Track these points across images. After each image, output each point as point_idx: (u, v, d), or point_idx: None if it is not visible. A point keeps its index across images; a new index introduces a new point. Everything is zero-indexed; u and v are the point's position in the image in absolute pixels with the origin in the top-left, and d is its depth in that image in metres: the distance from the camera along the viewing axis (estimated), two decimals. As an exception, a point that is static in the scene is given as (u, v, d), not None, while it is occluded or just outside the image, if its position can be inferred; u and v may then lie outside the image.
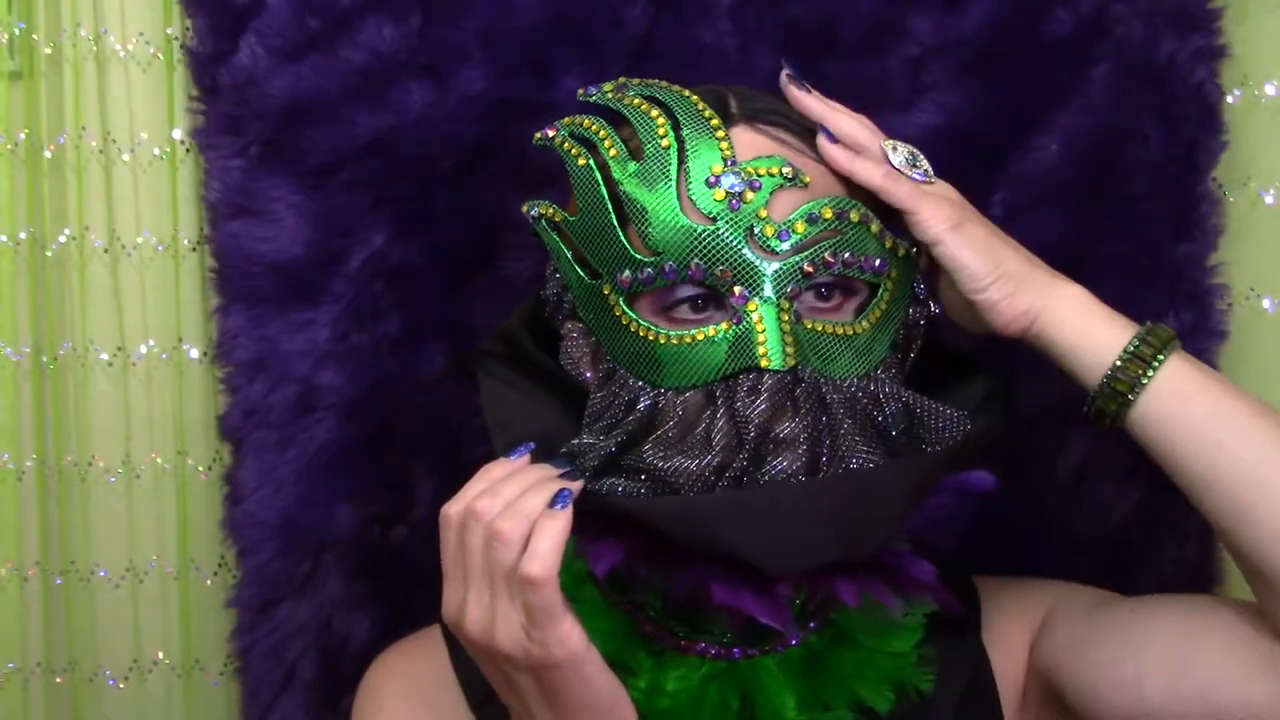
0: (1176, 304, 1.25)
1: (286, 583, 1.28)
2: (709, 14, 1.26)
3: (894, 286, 0.98)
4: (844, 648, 1.01)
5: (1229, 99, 1.28)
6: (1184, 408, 0.93)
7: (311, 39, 1.24)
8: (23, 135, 1.34)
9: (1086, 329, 0.96)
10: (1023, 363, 1.04)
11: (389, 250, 1.26)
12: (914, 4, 1.25)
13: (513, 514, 0.86)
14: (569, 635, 0.85)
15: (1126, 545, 1.27)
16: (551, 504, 0.87)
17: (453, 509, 0.89)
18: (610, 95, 1.00)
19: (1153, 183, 1.25)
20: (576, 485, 0.90)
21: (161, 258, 1.36)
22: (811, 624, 1.01)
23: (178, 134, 1.33)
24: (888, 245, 0.97)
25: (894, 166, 0.98)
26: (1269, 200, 1.30)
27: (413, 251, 1.27)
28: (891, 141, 0.99)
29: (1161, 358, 0.94)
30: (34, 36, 1.34)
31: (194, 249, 1.35)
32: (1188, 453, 0.93)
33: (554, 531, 0.85)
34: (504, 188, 1.26)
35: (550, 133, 1.00)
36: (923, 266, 1.02)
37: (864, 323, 0.96)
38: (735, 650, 1.00)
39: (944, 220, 0.96)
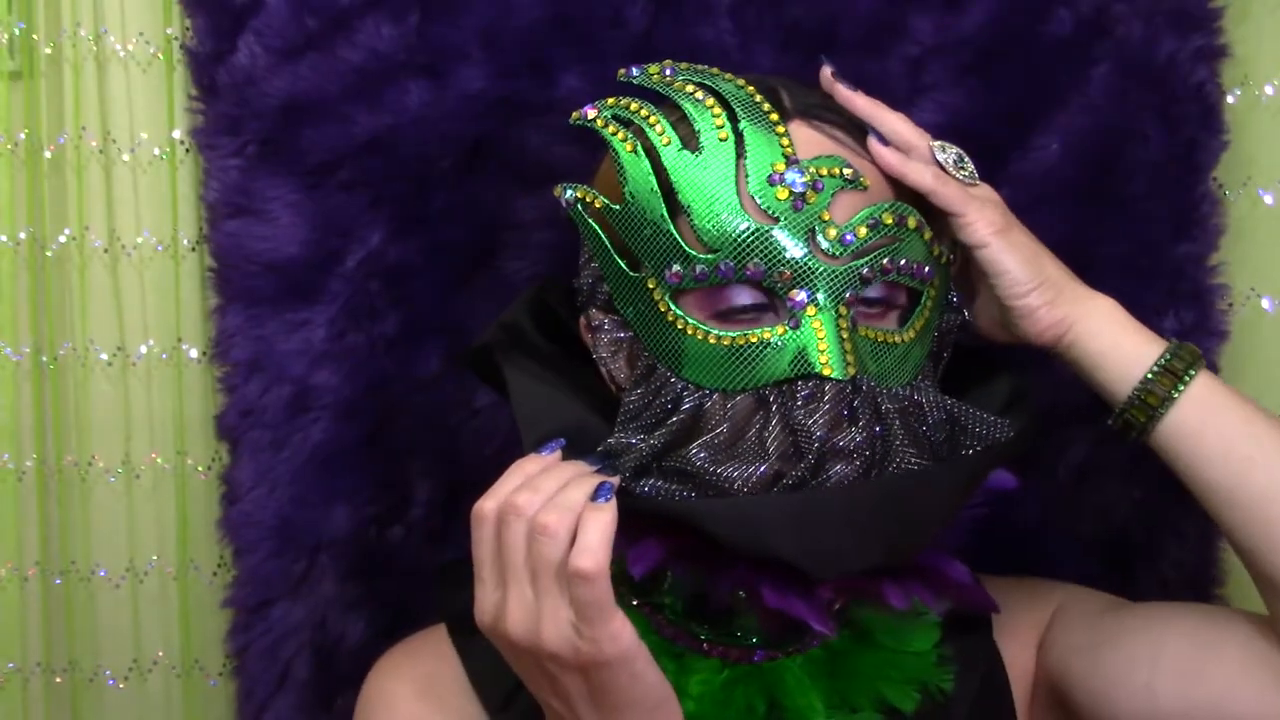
0: (1177, 304, 1.25)
1: (281, 583, 1.28)
2: (709, 13, 1.25)
3: (936, 294, 0.97)
4: (865, 648, 1.00)
5: (1229, 99, 1.28)
6: (1214, 422, 0.94)
7: (310, 38, 1.24)
8: (23, 135, 1.34)
9: (1120, 341, 0.96)
10: (1022, 363, 1.04)
11: (386, 250, 1.26)
12: (914, 4, 1.25)
13: (556, 508, 0.83)
14: (621, 631, 0.82)
15: (1128, 545, 1.27)
16: (594, 497, 0.84)
17: (487, 504, 0.86)
18: (657, 78, 0.97)
19: (1153, 183, 1.25)
20: (615, 480, 0.87)
21: (161, 258, 1.36)
22: (834, 623, 1.00)
23: (177, 134, 1.33)
24: (935, 253, 0.96)
25: (941, 167, 0.97)
26: (1269, 200, 1.30)
27: (410, 251, 1.26)
28: (940, 142, 0.98)
29: (1193, 373, 0.95)
30: (34, 36, 1.33)
31: (193, 249, 1.35)
32: (1216, 467, 0.93)
33: (602, 524, 0.82)
34: (503, 187, 1.26)
35: (590, 113, 0.96)
36: (954, 273, 1.01)
37: (909, 331, 0.95)
38: (757, 653, 0.99)
39: (991, 224, 0.95)
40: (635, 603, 1.01)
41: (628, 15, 1.25)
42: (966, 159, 0.99)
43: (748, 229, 0.90)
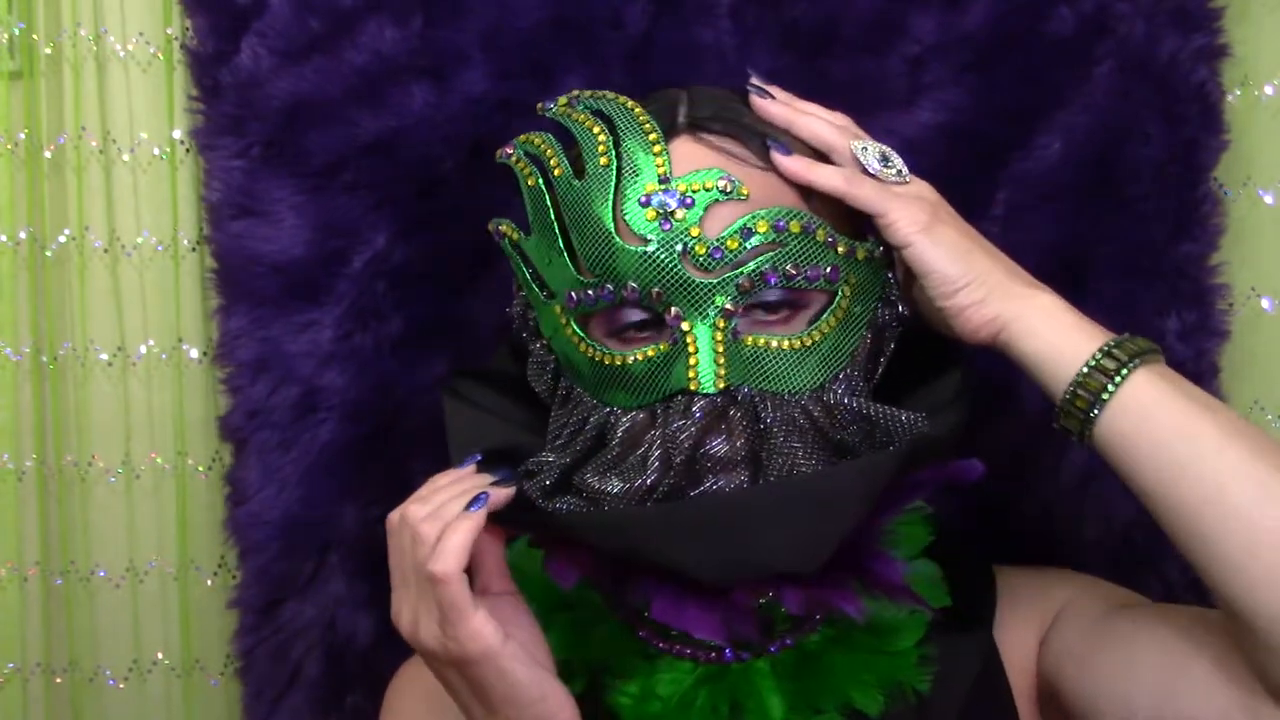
0: (1177, 304, 1.25)
1: (290, 583, 1.28)
2: (709, 14, 1.25)
3: (853, 291, 0.96)
4: (840, 649, 1.00)
5: (1230, 99, 1.28)
6: (1147, 425, 0.87)
7: (313, 40, 1.24)
8: (23, 135, 1.34)
9: (1056, 339, 0.91)
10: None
11: (391, 251, 1.26)
12: (915, 3, 1.25)
13: (433, 517, 0.89)
14: (480, 630, 0.87)
15: (1131, 547, 1.27)
16: (468, 506, 0.89)
17: (393, 515, 0.93)
18: (561, 110, 0.99)
19: (1154, 182, 1.25)
20: (504, 492, 0.92)
21: (161, 258, 1.36)
22: (807, 626, 1.01)
23: (177, 134, 1.33)
24: (841, 250, 0.95)
25: (863, 167, 0.95)
26: (1269, 200, 1.30)
27: (415, 252, 1.27)
28: (862, 141, 0.97)
29: (1126, 370, 0.88)
30: (34, 36, 1.33)
31: (193, 249, 1.35)
32: (1148, 474, 0.87)
33: (461, 531, 0.87)
34: (505, 189, 1.25)
35: (508, 151, 0.99)
36: (899, 270, 1.00)
37: (815, 332, 0.95)
38: (728, 653, 1.00)
39: (912, 222, 0.92)
40: (616, 608, 1.03)
41: (627, 16, 1.25)
42: (894, 156, 0.97)
43: (621, 251, 0.92)
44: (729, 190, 0.92)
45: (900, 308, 1.00)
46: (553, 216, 0.96)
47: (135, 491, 1.39)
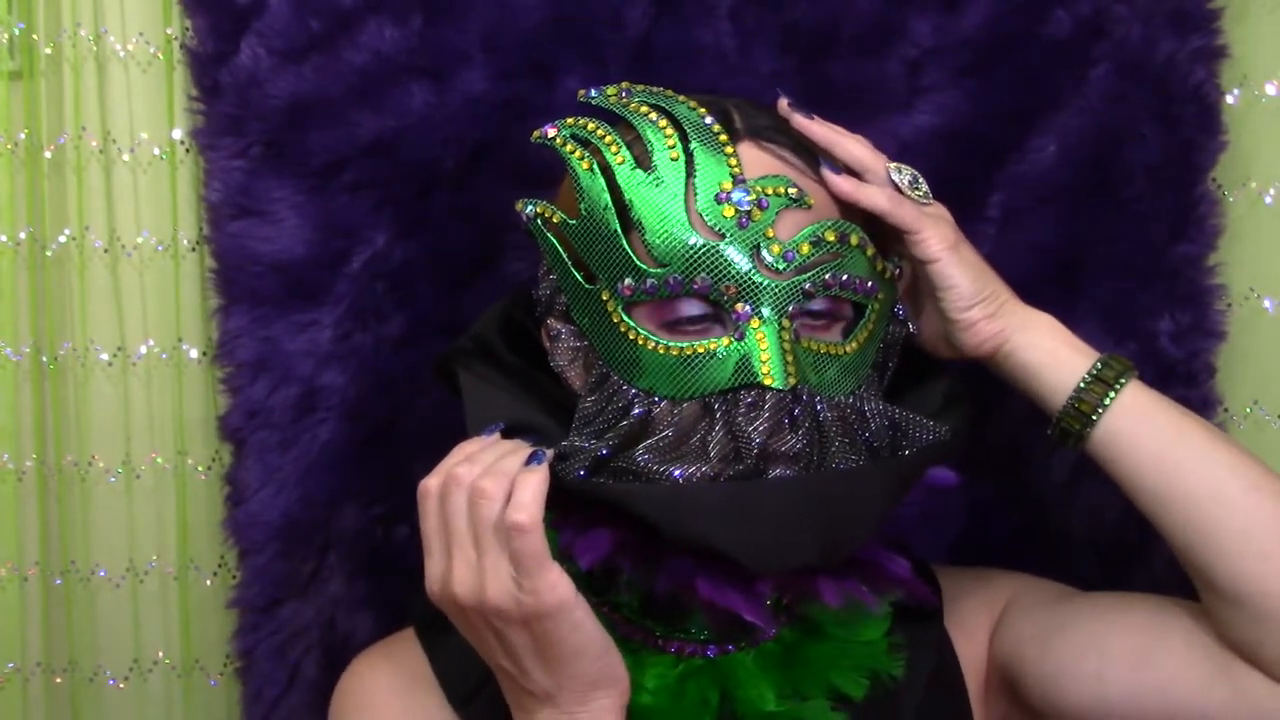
0: (1174, 305, 1.25)
1: (290, 582, 1.28)
2: (709, 15, 1.26)
3: (880, 308, 1.00)
4: (817, 639, 1.03)
5: (1229, 99, 1.29)
6: (1145, 428, 0.98)
7: (313, 40, 1.24)
8: (23, 135, 1.34)
9: (1055, 352, 1.01)
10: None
11: (391, 251, 1.27)
12: (913, 5, 1.25)
13: (493, 474, 0.89)
14: (559, 582, 0.87)
15: (1121, 544, 1.28)
16: (527, 462, 0.90)
17: (431, 481, 0.92)
18: (614, 99, 1.01)
19: (1151, 183, 1.26)
20: (549, 452, 0.92)
21: (161, 258, 1.36)
22: (783, 617, 1.03)
23: (177, 134, 1.33)
24: (878, 268, 0.99)
25: (897, 187, 1.00)
26: (1269, 200, 1.31)
27: (414, 252, 1.27)
28: (895, 164, 1.02)
29: (1123, 381, 0.99)
30: (34, 36, 1.33)
31: (193, 249, 1.35)
32: (1148, 471, 0.97)
33: (534, 483, 0.88)
34: (505, 189, 1.25)
35: (550, 132, 1.00)
36: (902, 288, 1.04)
37: (852, 343, 0.98)
38: (710, 647, 1.02)
39: (942, 240, 0.99)
40: (594, 602, 1.02)
41: (628, 17, 1.25)
42: (921, 179, 1.03)
43: (696, 245, 0.94)
44: (797, 198, 0.95)
45: (910, 326, 1.05)
46: (610, 202, 0.96)
47: (135, 491, 1.39)
